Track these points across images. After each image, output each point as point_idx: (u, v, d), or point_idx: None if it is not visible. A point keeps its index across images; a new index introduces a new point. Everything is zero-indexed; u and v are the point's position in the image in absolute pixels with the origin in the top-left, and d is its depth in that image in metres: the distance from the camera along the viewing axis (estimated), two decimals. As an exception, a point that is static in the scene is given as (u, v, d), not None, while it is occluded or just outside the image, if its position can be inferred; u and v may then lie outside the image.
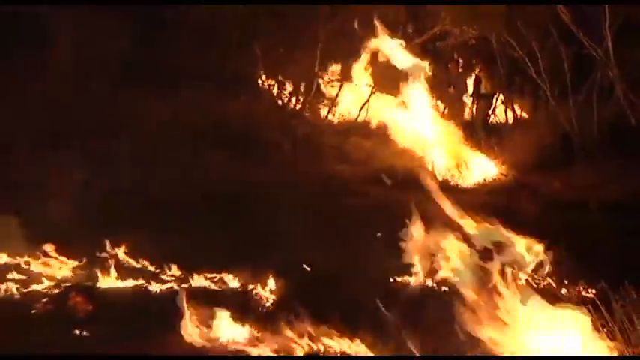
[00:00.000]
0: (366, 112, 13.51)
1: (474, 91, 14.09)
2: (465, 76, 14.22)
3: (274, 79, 13.62)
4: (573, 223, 9.11)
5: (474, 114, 14.08)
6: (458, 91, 14.09)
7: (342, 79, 13.58)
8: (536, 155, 11.61)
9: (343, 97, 13.70)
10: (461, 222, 5.60)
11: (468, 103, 14.27)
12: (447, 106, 13.79)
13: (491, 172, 12.29)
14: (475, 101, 14.13)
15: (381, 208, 9.96)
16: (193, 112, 11.57)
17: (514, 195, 10.76)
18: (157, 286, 7.96)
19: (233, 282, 8.04)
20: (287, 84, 13.69)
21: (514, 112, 13.92)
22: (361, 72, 13.66)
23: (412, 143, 12.66)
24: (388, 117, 13.25)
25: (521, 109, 13.89)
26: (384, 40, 12.90)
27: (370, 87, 13.56)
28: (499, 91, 14.01)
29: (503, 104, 14.06)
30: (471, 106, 14.21)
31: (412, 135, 12.86)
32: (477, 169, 12.42)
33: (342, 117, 13.72)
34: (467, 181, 12.17)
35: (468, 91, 14.21)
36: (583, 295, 7.13)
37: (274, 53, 13.19)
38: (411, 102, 13.15)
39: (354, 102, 13.69)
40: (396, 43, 12.95)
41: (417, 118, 13.15)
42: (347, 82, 13.62)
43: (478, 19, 12.50)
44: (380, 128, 13.05)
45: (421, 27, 13.52)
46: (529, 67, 12.37)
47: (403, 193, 10.54)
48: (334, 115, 13.67)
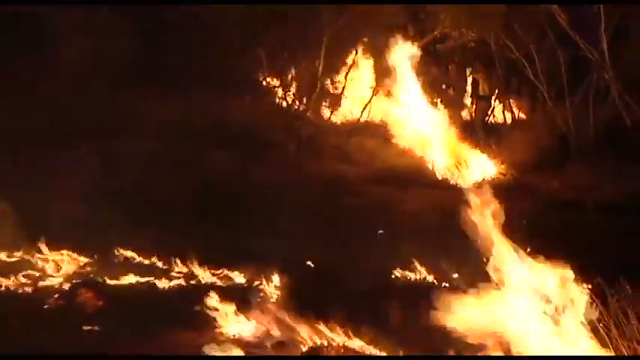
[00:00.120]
0: (368, 113, 13.52)
1: (473, 92, 14.08)
2: (465, 78, 14.23)
3: (278, 80, 13.64)
4: (570, 221, 9.10)
5: (473, 115, 14.08)
6: (457, 93, 14.10)
7: (345, 81, 13.59)
8: (534, 155, 11.60)
9: (346, 99, 13.72)
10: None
11: (467, 104, 14.27)
12: (447, 107, 13.78)
13: (490, 172, 12.28)
14: (474, 102, 14.12)
15: (382, 207, 9.98)
16: (200, 113, 11.59)
17: (512, 194, 10.75)
18: (165, 282, 7.98)
19: (239, 278, 8.05)
20: (291, 86, 13.70)
21: (512, 112, 13.93)
22: (363, 74, 13.67)
23: (413, 143, 12.67)
24: (389, 118, 13.26)
25: (519, 110, 13.90)
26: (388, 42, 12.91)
27: (372, 88, 13.55)
28: (498, 92, 13.99)
29: (502, 105, 14.05)
30: (470, 107, 14.20)
31: (413, 135, 12.86)
32: (476, 168, 12.41)
33: (344, 118, 13.74)
34: (466, 180, 12.15)
35: (468, 93, 14.20)
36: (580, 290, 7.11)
37: (278, 55, 13.22)
38: (412, 103, 13.15)
39: (357, 103, 13.71)
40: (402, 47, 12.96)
41: (418, 119, 13.16)
42: (349, 84, 13.63)
43: (477, 22, 12.51)
44: (381, 129, 13.05)
45: (421, 30, 13.51)
46: (527, 69, 12.38)
47: (404, 193, 10.59)
48: (337, 116, 13.69)
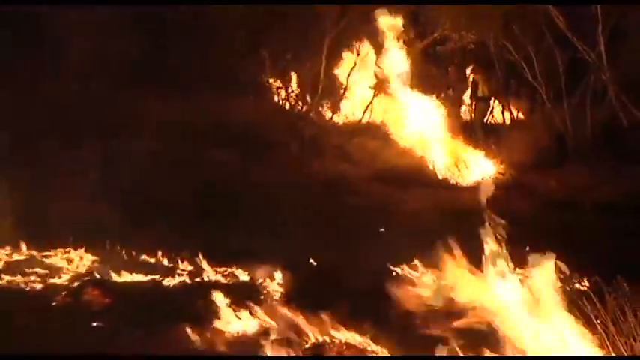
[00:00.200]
0: (370, 114, 13.51)
1: (473, 93, 14.07)
2: (464, 79, 14.21)
3: (281, 81, 13.64)
4: (568, 220, 9.10)
5: (472, 115, 14.07)
6: (457, 94, 14.09)
7: (347, 83, 13.59)
8: (532, 155, 11.60)
9: (347, 100, 13.72)
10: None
11: (466, 104, 14.26)
12: (447, 108, 13.77)
13: (490, 171, 12.28)
14: (474, 103, 14.11)
15: (384, 206, 9.98)
16: (203, 113, 11.58)
17: (511, 193, 10.74)
18: (170, 280, 7.99)
19: (242, 276, 8.06)
20: (293, 87, 13.70)
21: (511, 113, 13.91)
22: (364, 75, 13.67)
23: (413, 143, 12.68)
24: (390, 118, 13.26)
25: (518, 111, 13.88)
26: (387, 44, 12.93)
27: (373, 90, 13.55)
28: (496, 93, 13.98)
29: (501, 106, 14.04)
30: (470, 107, 14.19)
31: (413, 135, 12.86)
32: (476, 168, 12.41)
33: (346, 119, 13.73)
34: (466, 179, 12.15)
35: (467, 94, 14.19)
36: (577, 288, 7.11)
37: (281, 57, 13.23)
38: (412, 104, 13.16)
39: (358, 104, 13.70)
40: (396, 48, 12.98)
41: (418, 120, 13.16)
42: (351, 86, 13.63)
43: (476, 24, 12.51)
44: (382, 129, 13.05)
45: (422, 32, 13.52)
46: (525, 70, 12.36)
47: (405, 192, 10.59)
48: (339, 116, 13.69)
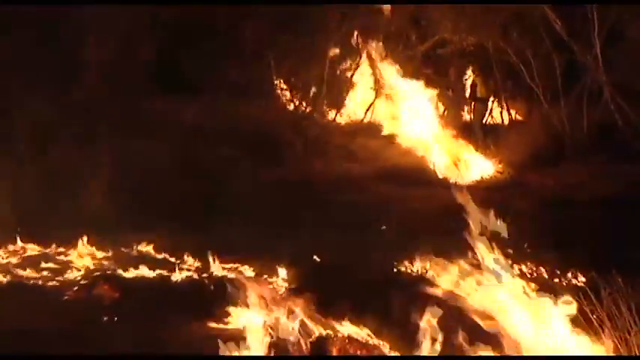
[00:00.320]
0: (372, 115, 13.51)
1: (472, 94, 14.04)
2: (464, 81, 14.19)
3: (287, 84, 13.67)
4: (565, 217, 9.06)
5: (472, 116, 14.04)
6: (457, 95, 14.06)
7: (350, 84, 13.59)
8: (530, 154, 11.58)
9: (350, 101, 13.72)
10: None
11: (466, 105, 14.23)
12: (447, 109, 13.76)
13: (489, 170, 12.26)
14: (473, 104, 14.08)
15: (386, 204, 9.97)
16: (213, 115, 11.62)
17: (510, 191, 10.73)
18: (178, 275, 8.00)
19: (248, 271, 8.06)
20: (299, 89, 13.72)
21: (509, 114, 13.87)
22: (367, 77, 13.67)
23: (414, 143, 12.67)
24: (392, 119, 13.25)
25: (516, 112, 13.84)
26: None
27: (375, 91, 13.55)
28: (495, 94, 13.96)
29: (500, 107, 14.01)
30: (469, 108, 14.16)
31: (414, 135, 12.86)
32: (475, 167, 12.41)
33: (349, 119, 13.72)
34: (466, 178, 12.14)
35: (467, 95, 14.16)
36: (574, 284, 7.09)
37: (287, 62, 13.26)
38: (413, 105, 13.16)
39: (361, 105, 13.70)
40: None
41: (419, 120, 13.16)
42: (353, 87, 13.64)
43: (476, 27, 12.50)
44: (384, 129, 13.05)
45: (423, 35, 13.53)
46: (523, 72, 12.33)
47: (406, 190, 10.58)
48: (342, 117, 13.69)
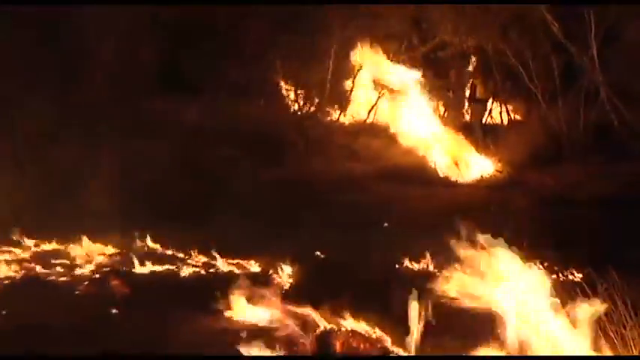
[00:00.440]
0: (374, 115, 13.51)
1: (472, 95, 14.04)
2: (464, 82, 14.18)
3: (291, 85, 13.69)
4: (562, 214, 9.06)
5: (471, 116, 14.03)
6: (457, 96, 14.06)
7: (352, 85, 13.61)
8: (529, 153, 11.57)
9: (353, 101, 13.72)
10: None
11: (466, 106, 14.22)
12: (447, 109, 13.76)
13: (488, 169, 12.26)
14: (472, 105, 14.08)
15: (387, 202, 9.98)
16: (217, 115, 11.64)
17: (509, 189, 10.74)
18: (186, 270, 8.03)
19: (254, 267, 8.08)
20: (302, 90, 13.73)
21: (509, 114, 13.86)
22: (369, 78, 13.68)
23: (415, 143, 12.67)
24: (394, 119, 13.25)
25: (515, 112, 13.83)
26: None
27: (377, 92, 13.56)
28: (495, 95, 13.95)
29: (499, 107, 14.00)
30: (469, 109, 14.15)
31: (415, 135, 12.86)
32: (475, 166, 12.40)
33: (352, 119, 13.73)
34: (466, 177, 12.15)
35: (467, 96, 14.16)
36: (571, 279, 7.09)
37: (291, 62, 13.27)
38: (414, 105, 13.16)
39: (363, 105, 13.70)
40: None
41: (420, 120, 13.16)
42: (356, 88, 13.65)
43: (476, 29, 12.49)
44: (386, 129, 13.05)
45: (424, 37, 13.53)
46: (522, 73, 12.32)
47: (407, 189, 10.59)
48: (345, 117, 13.70)
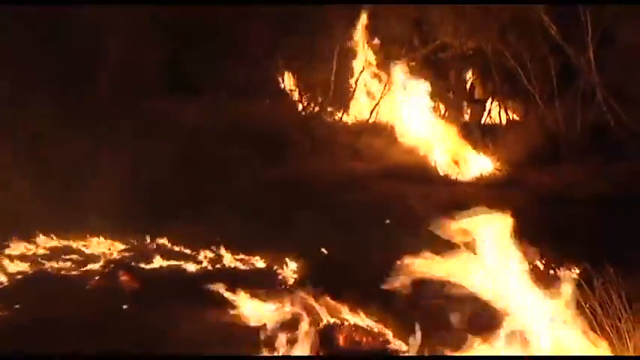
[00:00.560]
0: (377, 115, 13.51)
1: (471, 96, 14.03)
2: (464, 83, 14.16)
3: (296, 85, 13.69)
4: (560, 212, 9.05)
5: (471, 116, 14.01)
6: (457, 96, 14.05)
7: (355, 86, 13.61)
8: (527, 153, 11.55)
9: (356, 101, 13.73)
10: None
11: (465, 106, 14.21)
12: (448, 109, 13.75)
13: (488, 168, 12.24)
14: (472, 105, 14.06)
15: (389, 199, 9.98)
16: (224, 114, 11.65)
17: (508, 187, 10.73)
18: (193, 266, 8.05)
19: (259, 263, 8.09)
20: (306, 90, 13.73)
21: (507, 114, 13.83)
22: (372, 79, 13.68)
23: (417, 142, 12.67)
24: (396, 119, 13.25)
25: (514, 112, 13.80)
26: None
27: (380, 92, 13.55)
28: (494, 95, 13.93)
29: (498, 107, 13.98)
30: (469, 109, 14.13)
31: (417, 135, 12.86)
32: (475, 164, 12.38)
33: (354, 119, 13.73)
34: (466, 175, 12.14)
35: (466, 96, 14.15)
36: (568, 275, 7.08)
37: (296, 64, 13.28)
38: (416, 105, 13.16)
39: (366, 105, 13.71)
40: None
41: (421, 120, 13.15)
42: (359, 88, 13.65)
43: (475, 31, 12.49)
44: (388, 129, 13.05)
45: (425, 39, 13.52)
46: (520, 75, 12.30)
47: (409, 187, 10.58)
48: (348, 117, 13.70)
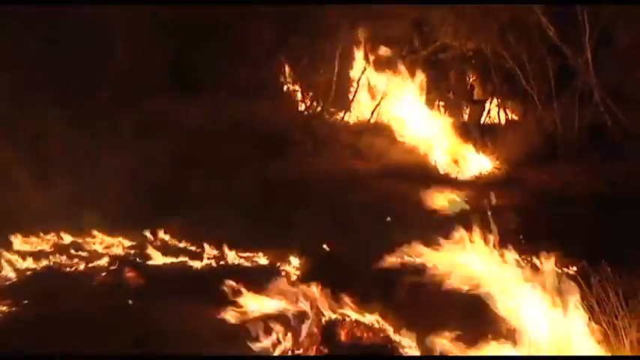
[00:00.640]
0: (378, 115, 13.52)
1: (470, 96, 14.04)
2: (463, 83, 14.17)
3: (298, 86, 13.70)
4: (558, 211, 9.06)
5: (470, 116, 14.02)
6: (457, 97, 14.05)
7: (357, 86, 13.61)
8: (525, 152, 11.56)
9: (357, 102, 13.73)
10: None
11: (465, 107, 14.21)
12: (448, 110, 13.76)
13: (487, 167, 12.25)
14: (472, 105, 14.07)
15: (390, 197, 9.99)
16: (228, 114, 11.66)
17: (506, 186, 10.74)
18: (197, 263, 8.07)
19: (262, 260, 8.11)
20: (308, 90, 13.74)
21: (506, 114, 13.84)
22: (373, 79, 13.69)
23: (417, 142, 12.67)
24: (397, 119, 13.26)
25: (513, 112, 13.81)
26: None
27: (381, 93, 13.56)
28: (493, 96, 13.93)
29: (497, 107, 13.99)
30: (468, 109, 14.14)
31: (417, 135, 12.86)
32: (474, 164, 12.39)
33: (356, 119, 13.74)
34: (465, 174, 12.14)
35: (466, 97, 14.15)
36: (566, 272, 7.09)
37: (298, 64, 13.29)
38: (416, 106, 13.17)
39: (367, 106, 13.71)
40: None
41: (422, 120, 13.16)
42: (361, 89, 13.66)
43: (475, 32, 12.50)
44: (389, 129, 13.06)
45: (425, 40, 13.53)
46: (519, 75, 12.31)
47: (409, 186, 10.60)
48: (349, 117, 13.71)
